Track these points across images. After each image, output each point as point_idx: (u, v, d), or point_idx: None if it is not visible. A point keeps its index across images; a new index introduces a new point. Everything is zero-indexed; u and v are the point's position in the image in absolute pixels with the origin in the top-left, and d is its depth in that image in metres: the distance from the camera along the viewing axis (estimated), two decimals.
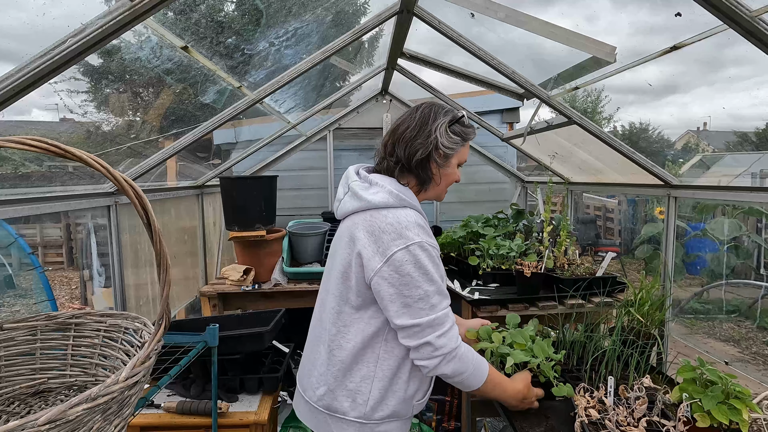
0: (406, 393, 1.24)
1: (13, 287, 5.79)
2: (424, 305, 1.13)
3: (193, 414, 1.65)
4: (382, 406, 1.22)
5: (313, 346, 1.34)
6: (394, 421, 1.26)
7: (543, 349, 1.46)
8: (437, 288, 1.15)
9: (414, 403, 1.28)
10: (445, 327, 1.15)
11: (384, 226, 1.15)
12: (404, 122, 1.26)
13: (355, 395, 1.22)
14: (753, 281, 5.93)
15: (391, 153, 1.26)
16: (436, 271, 1.16)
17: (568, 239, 2.58)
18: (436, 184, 1.28)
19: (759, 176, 7.03)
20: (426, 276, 1.13)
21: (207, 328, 1.49)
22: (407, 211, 1.19)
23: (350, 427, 1.22)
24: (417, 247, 1.13)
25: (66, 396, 0.93)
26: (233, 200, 2.65)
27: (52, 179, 2.36)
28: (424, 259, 1.13)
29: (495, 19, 1.78)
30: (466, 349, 1.19)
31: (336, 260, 1.27)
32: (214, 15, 1.99)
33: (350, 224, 1.23)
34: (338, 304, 1.24)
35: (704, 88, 44.51)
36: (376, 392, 1.21)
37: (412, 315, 1.13)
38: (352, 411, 1.21)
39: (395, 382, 1.23)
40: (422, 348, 1.14)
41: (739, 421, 1.19)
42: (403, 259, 1.11)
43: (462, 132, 1.27)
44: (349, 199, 1.26)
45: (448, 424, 2.89)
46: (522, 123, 3.67)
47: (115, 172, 0.67)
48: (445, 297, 1.18)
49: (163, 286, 0.72)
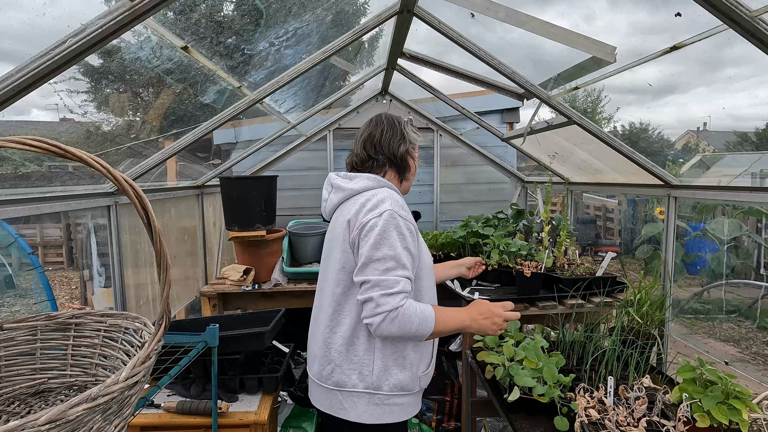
0: (408, 362, 1.36)
1: (13, 287, 5.79)
2: (379, 266, 1.24)
3: (193, 414, 1.65)
4: (387, 376, 1.33)
5: (316, 330, 1.46)
6: (404, 395, 1.37)
7: (552, 373, 1.46)
8: (394, 255, 1.25)
9: (419, 375, 1.40)
10: (392, 290, 1.22)
11: (364, 201, 1.34)
12: (375, 130, 1.48)
13: (360, 367, 1.33)
14: (753, 281, 5.93)
15: (376, 154, 1.47)
16: (399, 240, 1.26)
17: (568, 239, 2.58)
18: (411, 174, 1.53)
19: (759, 176, 7.03)
20: (387, 242, 1.25)
21: (207, 328, 1.49)
22: (385, 189, 1.38)
23: (361, 398, 1.33)
24: (387, 215, 1.28)
25: (66, 396, 0.93)
26: (233, 200, 2.65)
27: (52, 179, 2.36)
28: (390, 227, 1.26)
29: (495, 19, 1.78)
30: (408, 306, 1.24)
31: (332, 251, 1.41)
32: (214, 15, 1.99)
33: (338, 215, 1.42)
34: (335, 286, 1.37)
35: (704, 88, 44.53)
36: (379, 362, 1.33)
37: (366, 273, 1.25)
38: (360, 383, 1.33)
39: (394, 350, 1.34)
40: (366, 304, 1.24)
41: (739, 421, 1.19)
42: (374, 225, 1.27)
43: (416, 131, 1.56)
44: (334, 194, 1.45)
45: (448, 424, 2.89)
46: (522, 123, 3.67)
47: (115, 172, 0.67)
48: (403, 268, 1.26)
49: (163, 286, 0.72)
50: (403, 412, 1.38)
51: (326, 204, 1.49)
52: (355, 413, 1.34)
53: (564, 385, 1.47)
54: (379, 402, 1.34)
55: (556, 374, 1.46)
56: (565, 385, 1.47)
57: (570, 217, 3.34)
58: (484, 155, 4.07)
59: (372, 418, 1.33)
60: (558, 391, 1.41)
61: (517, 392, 1.42)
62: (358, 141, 1.52)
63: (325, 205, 1.51)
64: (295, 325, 2.39)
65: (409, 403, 1.40)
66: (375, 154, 1.47)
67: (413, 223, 1.35)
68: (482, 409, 2.15)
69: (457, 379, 2.97)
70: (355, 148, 1.52)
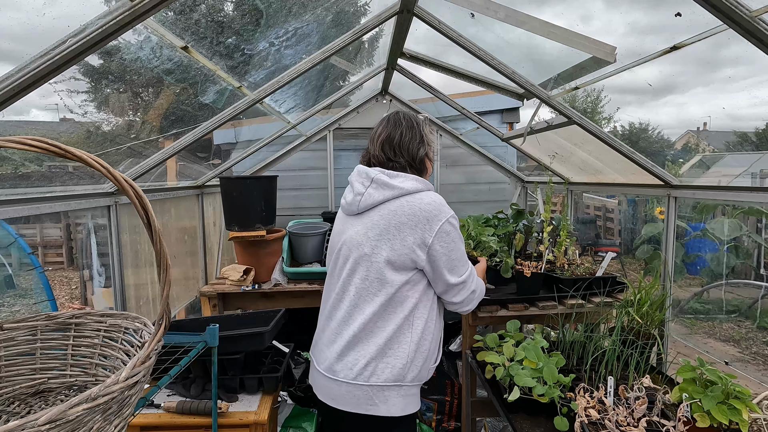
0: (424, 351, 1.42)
1: (13, 287, 5.79)
2: (464, 263, 1.44)
3: (193, 414, 1.65)
4: (412, 367, 1.38)
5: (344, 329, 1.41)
6: (416, 386, 1.43)
7: (553, 373, 1.46)
8: (464, 250, 1.45)
9: (429, 367, 1.46)
10: (474, 275, 1.49)
11: (426, 207, 1.36)
12: (395, 131, 1.46)
13: (394, 362, 1.37)
14: (753, 281, 5.93)
15: (395, 157, 1.45)
16: (462, 241, 1.44)
17: (568, 239, 2.58)
18: (428, 175, 1.54)
19: (759, 176, 7.03)
20: (461, 239, 1.42)
21: (207, 328, 1.49)
22: (432, 192, 1.43)
23: (390, 391, 1.36)
24: (453, 218, 1.39)
25: (66, 396, 0.93)
26: (233, 200, 2.65)
27: (52, 179, 2.36)
28: (457, 226, 1.41)
29: (495, 19, 1.78)
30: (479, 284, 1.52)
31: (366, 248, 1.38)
32: (214, 15, 1.99)
33: (383, 212, 1.38)
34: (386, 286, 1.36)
35: (704, 88, 44.52)
36: (412, 354, 1.38)
37: (459, 273, 1.41)
38: (393, 374, 1.36)
39: (422, 344, 1.40)
40: (468, 298, 1.45)
41: (739, 421, 1.19)
42: (447, 230, 1.36)
43: (432, 130, 1.56)
44: (375, 190, 1.40)
45: (448, 424, 2.89)
46: (522, 123, 3.67)
47: (115, 172, 0.67)
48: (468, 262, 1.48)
49: (163, 286, 0.72)
50: (417, 401, 1.45)
51: (362, 198, 1.40)
52: (385, 407, 1.35)
53: (564, 385, 1.47)
54: (405, 393, 1.39)
55: (556, 374, 1.46)
56: (565, 385, 1.47)
57: (570, 217, 3.34)
58: (484, 155, 4.07)
59: (398, 409, 1.37)
60: (558, 391, 1.41)
61: (517, 392, 1.43)
62: (375, 142, 1.47)
63: (360, 198, 1.41)
64: (295, 325, 2.39)
65: (418, 394, 1.47)
66: (394, 156, 1.45)
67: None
68: (482, 409, 2.15)
69: (457, 379, 2.97)
70: (372, 148, 1.48)
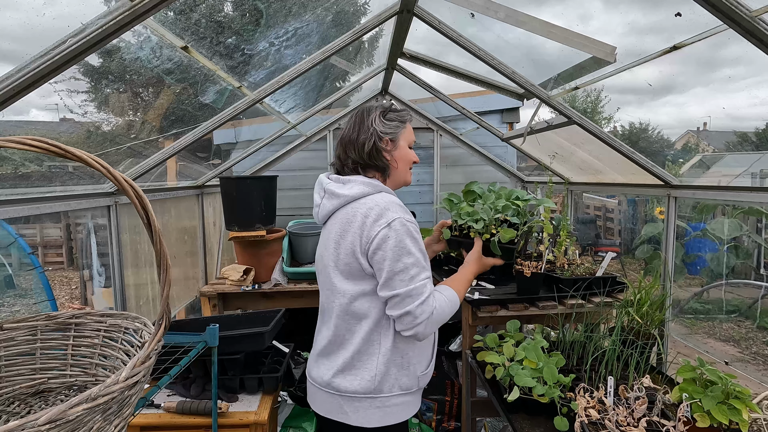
0: (407, 361, 1.35)
1: (13, 287, 5.79)
2: (404, 277, 1.24)
3: (193, 414, 1.65)
4: (387, 378, 1.32)
5: (319, 335, 1.45)
6: (404, 395, 1.36)
7: (553, 373, 1.45)
8: (415, 260, 1.26)
9: (418, 375, 1.39)
10: (423, 296, 1.25)
11: (366, 211, 1.28)
12: (345, 130, 1.42)
13: (365, 371, 1.32)
14: (753, 281, 5.93)
15: (346, 158, 1.39)
16: (414, 245, 1.26)
17: (568, 239, 2.58)
18: (395, 168, 1.40)
19: (759, 176, 7.03)
20: (405, 250, 1.24)
21: (207, 328, 1.49)
22: (383, 194, 1.33)
23: (363, 403, 1.32)
24: (397, 223, 1.25)
25: (66, 396, 0.93)
26: (233, 200, 2.65)
27: (52, 179, 2.36)
28: (402, 234, 1.24)
29: (495, 19, 1.78)
30: (439, 301, 1.29)
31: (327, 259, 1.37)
32: (214, 15, 1.99)
33: (335, 222, 1.35)
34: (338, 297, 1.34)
35: (703, 88, 44.52)
36: (381, 367, 1.32)
37: (393, 287, 1.25)
38: (365, 386, 1.32)
39: (396, 353, 1.33)
40: (404, 318, 1.25)
41: (739, 421, 1.19)
42: (387, 236, 1.24)
43: (397, 116, 1.40)
44: (327, 200, 1.38)
45: (448, 424, 2.89)
46: (522, 123, 3.67)
47: (115, 172, 0.67)
48: (424, 269, 1.28)
49: (163, 286, 0.72)
50: (404, 411, 1.38)
51: (319, 209, 1.41)
52: (356, 417, 1.33)
53: (564, 385, 1.47)
54: (381, 405, 1.33)
55: (556, 374, 1.46)
56: (565, 385, 1.47)
57: (570, 217, 3.34)
58: (484, 155, 4.07)
59: (375, 421, 1.33)
60: (558, 391, 1.41)
61: (517, 392, 1.43)
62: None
63: (317, 210, 1.42)
64: (295, 324, 2.39)
65: (409, 402, 1.39)
66: (345, 157, 1.38)
67: (415, 223, 1.33)
68: (482, 409, 2.15)
69: (457, 379, 2.97)
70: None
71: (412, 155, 1.44)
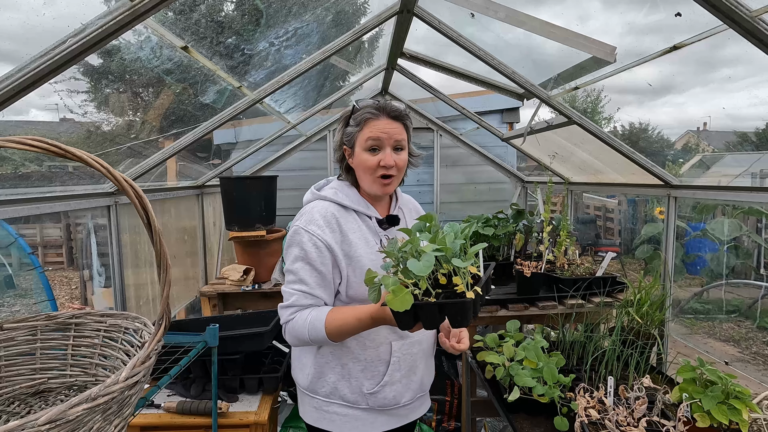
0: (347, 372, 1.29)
1: (13, 287, 5.79)
2: (287, 278, 1.27)
3: (193, 414, 1.65)
4: (322, 382, 1.31)
5: None
6: (345, 407, 1.29)
7: (553, 373, 1.45)
8: (293, 269, 1.25)
9: (365, 392, 1.28)
10: (286, 302, 1.25)
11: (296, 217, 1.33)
12: None
13: (302, 367, 1.35)
14: (753, 281, 5.93)
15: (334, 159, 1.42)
16: (300, 257, 1.24)
17: (568, 239, 2.58)
18: (360, 173, 1.31)
19: (759, 176, 7.02)
20: (291, 256, 1.25)
21: (207, 328, 1.49)
22: (317, 202, 1.31)
23: (304, 398, 1.36)
24: (293, 231, 1.27)
25: (66, 396, 0.93)
26: (233, 200, 2.65)
27: (52, 179, 2.36)
28: (293, 242, 1.25)
29: (495, 19, 1.78)
30: (297, 319, 1.23)
31: None
32: (214, 15, 1.99)
33: None
34: None
35: (703, 87, 44.53)
36: (314, 367, 1.32)
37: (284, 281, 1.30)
38: (303, 382, 1.34)
39: (331, 357, 1.30)
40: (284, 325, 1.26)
41: (739, 421, 1.19)
42: (288, 239, 1.28)
43: (354, 120, 1.29)
44: None
45: (448, 424, 2.89)
46: (522, 123, 3.67)
47: (115, 172, 0.67)
48: (300, 282, 1.24)
49: (163, 286, 0.72)
50: (346, 425, 1.29)
51: None
52: (302, 408, 1.38)
53: (564, 385, 1.47)
54: (318, 406, 1.32)
55: (556, 374, 1.46)
56: (565, 385, 1.47)
57: (570, 217, 3.34)
58: (484, 155, 4.07)
59: (311, 419, 1.34)
60: (558, 391, 1.41)
61: (517, 392, 1.42)
62: None
63: None
64: None
65: (357, 417, 1.29)
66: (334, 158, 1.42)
67: (324, 239, 1.23)
68: (482, 409, 2.15)
69: (457, 379, 2.97)
70: None
71: (371, 161, 1.26)
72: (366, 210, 1.32)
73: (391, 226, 1.36)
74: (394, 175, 1.28)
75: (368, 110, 1.27)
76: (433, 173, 4.12)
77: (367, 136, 1.25)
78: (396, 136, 1.26)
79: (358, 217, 1.31)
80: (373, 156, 1.26)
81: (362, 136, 1.26)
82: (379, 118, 1.26)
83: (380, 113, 1.26)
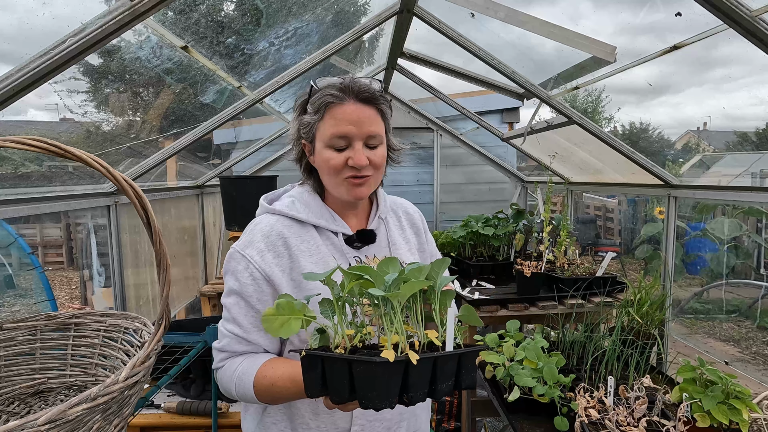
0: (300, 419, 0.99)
1: (13, 287, 5.78)
2: (223, 312, 1.02)
3: (193, 414, 1.65)
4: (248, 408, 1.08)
5: None
6: None
7: (553, 373, 1.45)
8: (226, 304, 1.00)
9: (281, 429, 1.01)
10: (217, 344, 1.01)
11: None
12: None
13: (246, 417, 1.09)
14: (753, 281, 5.93)
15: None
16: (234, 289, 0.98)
17: (568, 239, 2.58)
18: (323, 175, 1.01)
19: (759, 176, 7.02)
20: (225, 282, 1.01)
21: (207, 327, 1.49)
22: (263, 217, 1.04)
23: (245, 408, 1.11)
24: (230, 252, 1.01)
25: (66, 396, 0.93)
26: (233, 200, 2.65)
27: (52, 179, 2.36)
28: (229, 267, 1.00)
29: (495, 18, 1.78)
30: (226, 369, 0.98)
31: None
32: (214, 15, 1.99)
33: None
34: None
35: (702, 87, 44.54)
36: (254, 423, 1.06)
37: None
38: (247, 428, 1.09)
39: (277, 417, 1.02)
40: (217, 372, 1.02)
41: (739, 421, 1.19)
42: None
43: (310, 108, 0.98)
44: None
45: (448, 424, 2.89)
46: (522, 123, 3.67)
47: (115, 172, 0.67)
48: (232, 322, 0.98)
49: (163, 286, 0.72)
50: None
51: None
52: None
53: (564, 385, 1.47)
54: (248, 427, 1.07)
55: (556, 374, 1.46)
56: (565, 385, 1.47)
57: (570, 217, 3.34)
58: (484, 155, 4.07)
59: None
60: (558, 391, 1.41)
61: (517, 392, 1.42)
62: None
63: None
64: None
65: None
66: None
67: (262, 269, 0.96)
68: (482, 409, 2.15)
69: None
70: None
71: (335, 160, 0.95)
72: (329, 224, 1.02)
73: (366, 244, 1.04)
74: (369, 174, 0.97)
75: (329, 92, 0.94)
76: (433, 173, 4.12)
77: (330, 130, 0.94)
78: (368, 126, 0.95)
79: (319, 235, 1.01)
80: (338, 154, 0.95)
81: (323, 127, 0.95)
82: (345, 102, 0.94)
83: (346, 95, 0.94)
